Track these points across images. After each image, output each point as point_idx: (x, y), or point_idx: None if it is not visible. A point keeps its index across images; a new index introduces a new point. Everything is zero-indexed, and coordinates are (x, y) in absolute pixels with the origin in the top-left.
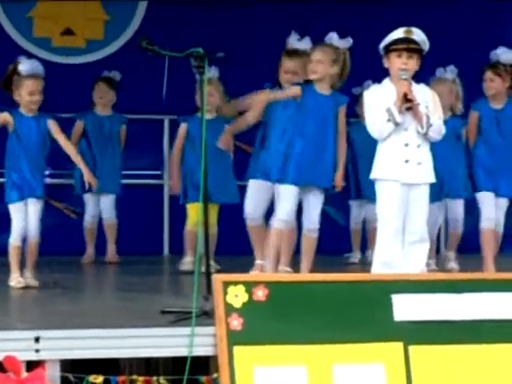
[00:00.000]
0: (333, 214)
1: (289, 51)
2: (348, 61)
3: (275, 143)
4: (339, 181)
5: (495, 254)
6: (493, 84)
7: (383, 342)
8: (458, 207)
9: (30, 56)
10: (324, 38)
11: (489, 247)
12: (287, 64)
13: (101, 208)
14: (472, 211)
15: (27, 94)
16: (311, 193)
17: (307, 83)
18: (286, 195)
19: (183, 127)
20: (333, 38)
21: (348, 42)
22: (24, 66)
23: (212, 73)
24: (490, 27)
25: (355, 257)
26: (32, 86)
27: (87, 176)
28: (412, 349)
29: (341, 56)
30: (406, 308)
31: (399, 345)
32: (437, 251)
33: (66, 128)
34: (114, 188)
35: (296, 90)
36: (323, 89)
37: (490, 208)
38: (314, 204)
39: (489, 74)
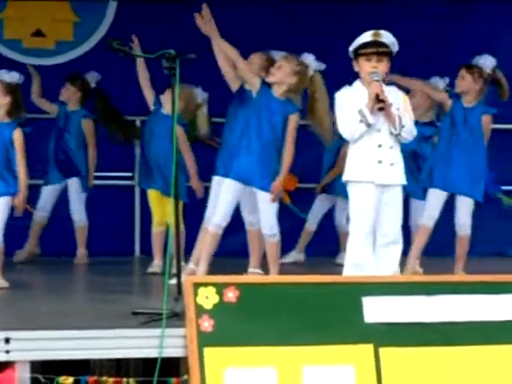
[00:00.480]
0: (292, 208)
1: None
2: (318, 82)
3: (228, 138)
4: (274, 186)
5: (465, 256)
6: (463, 82)
7: (353, 343)
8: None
9: (1, 58)
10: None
11: (421, 244)
12: None
13: (70, 210)
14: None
15: None
16: (257, 197)
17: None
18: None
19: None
20: (307, 58)
21: (320, 65)
22: None
23: None
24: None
25: (294, 256)
26: None
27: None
28: (382, 351)
29: (305, 71)
30: (377, 310)
31: (369, 347)
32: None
33: (35, 128)
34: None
35: (256, 82)
36: (277, 93)
37: (435, 207)
38: (265, 209)
39: (462, 72)
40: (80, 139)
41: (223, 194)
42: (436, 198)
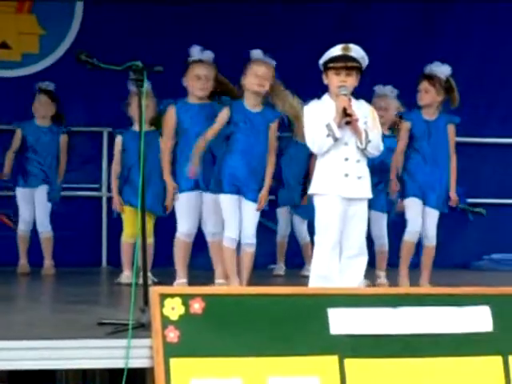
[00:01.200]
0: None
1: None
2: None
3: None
4: (261, 196)
5: (430, 267)
6: (427, 95)
7: (319, 355)
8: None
9: None
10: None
11: (408, 259)
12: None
13: (36, 221)
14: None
15: None
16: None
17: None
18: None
19: (119, 140)
20: (257, 53)
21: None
22: None
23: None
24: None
25: (280, 269)
26: None
27: None
28: (347, 362)
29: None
30: (342, 322)
31: (335, 358)
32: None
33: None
34: (53, 196)
35: (225, 114)
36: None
37: (416, 220)
38: (251, 218)
39: (424, 85)
40: (53, 152)
41: (227, 209)
42: (414, 210)
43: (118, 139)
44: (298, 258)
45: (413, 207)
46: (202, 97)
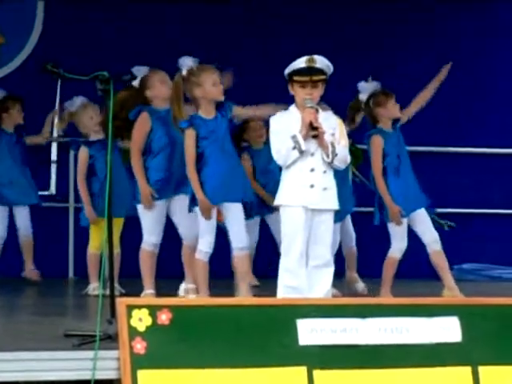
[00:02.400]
0: None
1: None
2: None
3: None
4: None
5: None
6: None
7: (288, 366)
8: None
9: None
10: None
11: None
12: None
13: (17, 224)
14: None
15: None
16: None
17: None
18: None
19: (83, 151)
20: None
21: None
22: None
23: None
24: None
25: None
26: None
27: None
28: (316, 373)
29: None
30: (311, 332)
31: (303, 369)
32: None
33: None
34: (30, 199)
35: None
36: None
37: (402, 237)
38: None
39: (393, 99)
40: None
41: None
42: (399, 227)
43: (83, 151)
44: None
45: (398, 227)
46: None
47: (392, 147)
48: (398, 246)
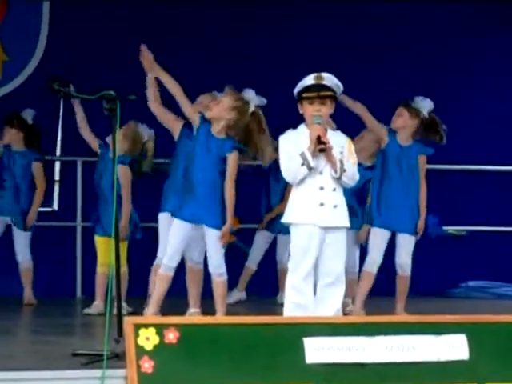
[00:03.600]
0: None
1: None
2: (259, 117)
3: (173, 176)
4: (223, 233)
5: (405, 296)
6: (399, 118)
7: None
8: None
9: None
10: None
11: (366, 291)
12: None
13: (15, 250)
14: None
15: None
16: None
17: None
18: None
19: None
20: (248, 93)
21: (261, 100)
22: None
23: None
24: None
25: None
26: None
27: None
28: None
29: (244, 106)
30: (318, 351)
31: None
32: None
33: None
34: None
35: (196, 119)
36: (215, 130)
37: (379, 251)
38: (213, 248)
39: (399, 109)
40: (27, 179)
41: (173, 235)
42: (379, 240)
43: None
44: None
45: (377, 240)
46: None
47: (396, 158)
48: (370, 258)
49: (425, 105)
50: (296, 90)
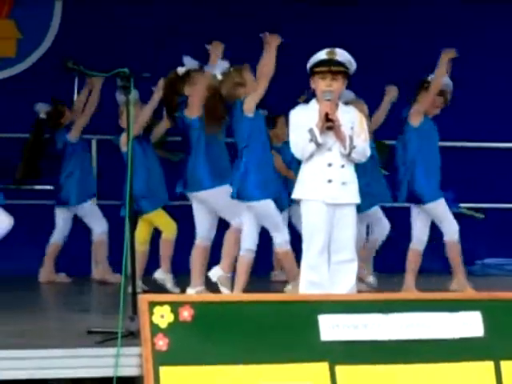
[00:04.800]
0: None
1: None
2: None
3: None
4: None
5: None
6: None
7: (310, 362)
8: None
9: None
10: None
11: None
12: None
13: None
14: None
15: None
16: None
17: None
18: None
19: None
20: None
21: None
22: None
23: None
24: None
25: (280, 275)
26: None
27: None
28: (338, 368)
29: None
30: (333, 328)
31: (325, 365)
32: None
33: None
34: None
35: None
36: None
37: (425, 228)
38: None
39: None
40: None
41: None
42: (424, 218)
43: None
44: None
45: (422, 217)
46: None
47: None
48: (418, 236)
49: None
50: (309, 65)
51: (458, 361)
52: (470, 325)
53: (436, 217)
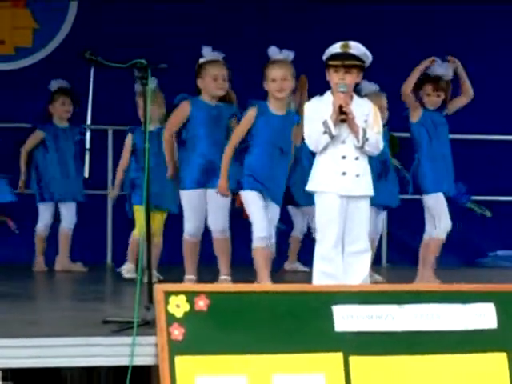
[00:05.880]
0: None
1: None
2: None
3: None
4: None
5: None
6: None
7: (324, 352)
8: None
9: None
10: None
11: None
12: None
13: (62, 217)
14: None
15: None
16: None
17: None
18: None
19: (129, 138)
20: (274, 51)
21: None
22: None
23: (154, 82)
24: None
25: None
26: None
27: None
28: (352, 359)
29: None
30: (347, 319)
31: (339, 355)
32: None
33: None
34: (74, 196)
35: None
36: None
37: (447, 215)
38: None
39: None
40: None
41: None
42: (444, 205)
43: (129, 136)
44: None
45: (441, 206)
46: (218, 96)
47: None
48: (443, 225)
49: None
50: (324, 57)
51: (471, 352)
52: (483, 316)
53: (430, 210)
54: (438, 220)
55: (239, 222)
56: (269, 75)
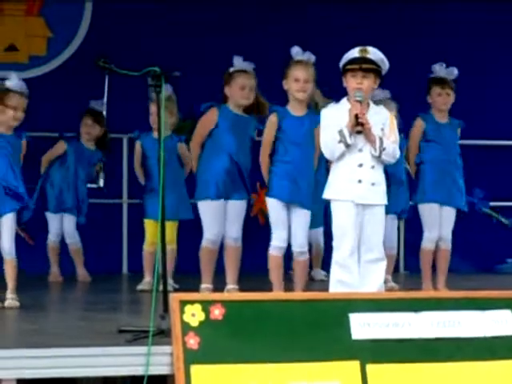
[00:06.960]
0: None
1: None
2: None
3: None
4: None
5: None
6: (449, 98)
7: (340, 360)
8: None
9: None
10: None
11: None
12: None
13: (64, 232)
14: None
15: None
16: (295, 213)
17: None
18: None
19: (138, 145)
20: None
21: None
22: (12, 81)
23: (168, 90)
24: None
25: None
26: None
27: None
28: (369, 367)
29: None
30: (364, 327)
31: (356, 363)
32: None
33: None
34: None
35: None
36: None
37: (435, 226)
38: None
39: (447, 89)
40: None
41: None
42: (433, 217)
43: (138, 143)
44: None
45: (431, 214)
46: (245, 106)
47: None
48: (428, 234)
49: (453, 72)
50: (341, 63)
51: (488, 359)
52: (500, 323)
53: (421, 217)
54: (425, 229)
55: (249, 231)
56: (291, 74)
